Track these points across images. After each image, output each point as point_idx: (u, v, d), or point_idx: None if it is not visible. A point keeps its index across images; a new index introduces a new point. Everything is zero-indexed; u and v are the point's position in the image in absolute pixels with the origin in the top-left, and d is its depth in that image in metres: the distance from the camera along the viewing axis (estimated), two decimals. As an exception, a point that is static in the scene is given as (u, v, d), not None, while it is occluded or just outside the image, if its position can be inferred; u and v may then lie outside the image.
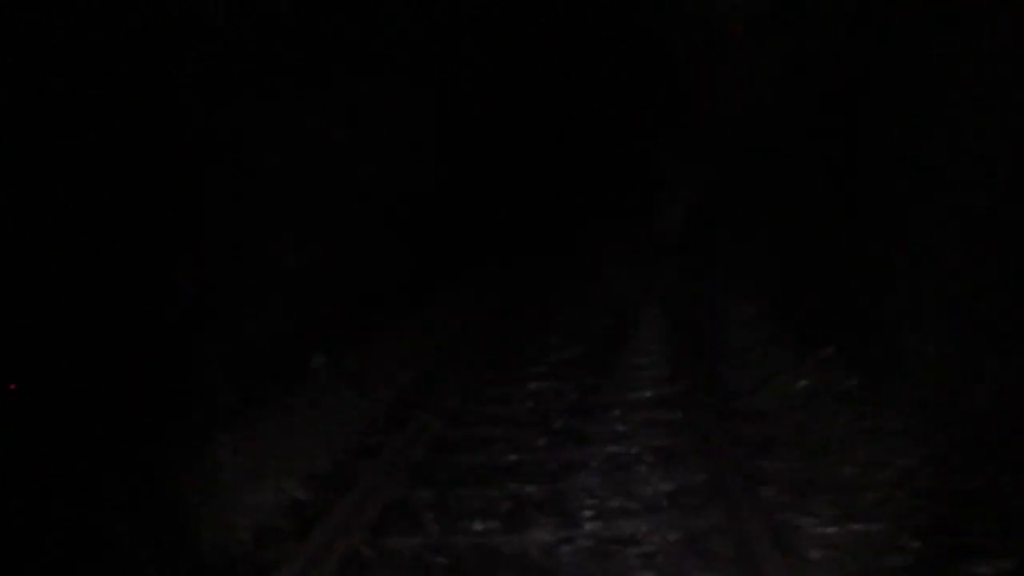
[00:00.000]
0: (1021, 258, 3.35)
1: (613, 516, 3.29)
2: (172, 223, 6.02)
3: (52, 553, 3.27)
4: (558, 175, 12.54)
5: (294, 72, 7.32)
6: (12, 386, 4.36)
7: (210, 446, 4.53)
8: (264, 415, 5.18)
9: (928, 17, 4.14)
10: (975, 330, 3.65)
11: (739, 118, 10.43)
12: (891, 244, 5.15)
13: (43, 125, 4.51)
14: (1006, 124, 3.43)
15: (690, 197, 11.70)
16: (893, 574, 2.50)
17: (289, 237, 7.54)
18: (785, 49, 7.91)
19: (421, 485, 3.92)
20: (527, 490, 3.69)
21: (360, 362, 6.68)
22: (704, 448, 3.85)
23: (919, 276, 4.60)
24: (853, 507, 2.92)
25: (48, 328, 4.28)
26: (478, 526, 3.35)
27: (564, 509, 3.43)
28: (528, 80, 11.90)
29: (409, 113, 8.80)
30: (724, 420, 4.22)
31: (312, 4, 7.28)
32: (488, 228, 10.90)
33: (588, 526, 3.21)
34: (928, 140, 3.92)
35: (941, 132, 3.81)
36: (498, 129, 11.29)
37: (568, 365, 6.08)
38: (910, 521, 2.75)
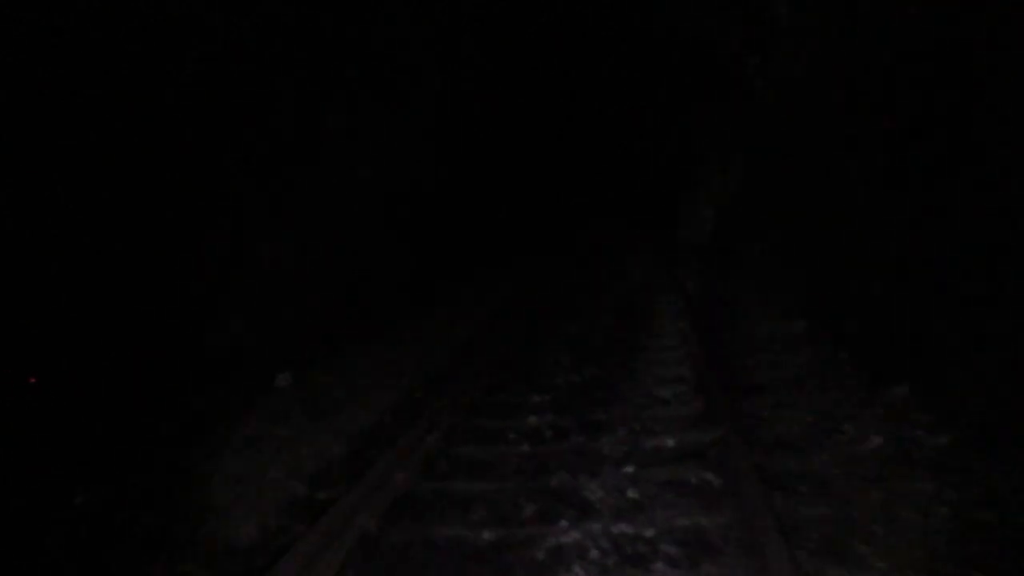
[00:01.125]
0: None
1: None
2: (149, 222, 5.24)
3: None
4: (566, 172, 11.73)
5: (293, 72, 6.71)
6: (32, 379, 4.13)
7: (113, 500, 3.59)
8: (198, 452, 4.23)
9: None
10: None
11: (776, 111, 9.36)
12: (992, 250, 4.06)
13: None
14: None
15: (718, 197, 10.68)
16: None
17: (279, 245, 6.69)
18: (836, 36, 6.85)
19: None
20: (499, 595, 2.68)
21: (335, 380, 5.71)
22: (747, 537, 2.80)
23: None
24: None
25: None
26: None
27: (546, 637, 2.41)
28: (532, 75, 11.16)
29: (410, 111, 8.10)
30: (773, 488, 3.16)
31: (312, 4, 6.71)
32: (490, 228, 10.18)
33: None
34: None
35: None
36: (500, 127, 10.58)
37: (576, 394, 5.04)
38: None
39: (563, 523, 3.16)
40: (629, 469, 3.63)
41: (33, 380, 3.87)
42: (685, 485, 3.39)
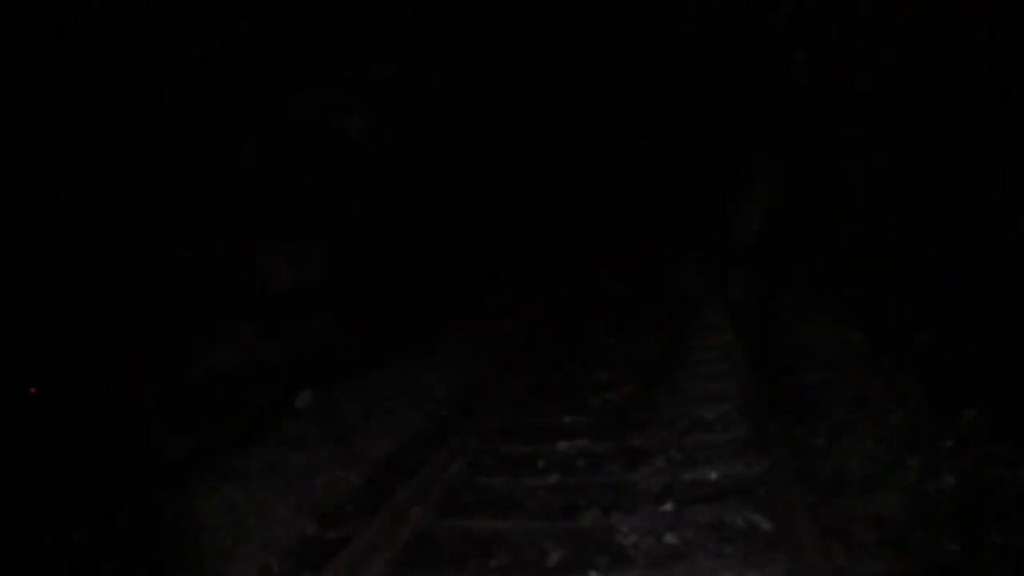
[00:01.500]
0: None
1: None
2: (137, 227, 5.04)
3: None
4: (568, 172, 11.49)
5: (293, 72, 6.56)
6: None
7: (106, 539, 3.36)
8: (205, 483, 3.99)
9: None
10: None
11: (825, 105, 8.91)
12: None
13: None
14: None
15: (766, 199, 10.22)
16: None
17: (281, 246, 6.48)
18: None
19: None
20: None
21: (355, 399, 5.45)
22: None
23: None
24: None
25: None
26: None
27: None
28: (533, 75, 10.99)
29: (410, 111, 7.95)
30: (833, 537, 2.78)
31: (312, 4, 6.63)
32: (491, 228, 10.01)
33: None
34: None
35: None
36: (501, 127, 10.40)
37: (611, 414, 4.70)
38: None
39: (592, 572, 2.83)
40: (668, 506, 3.29)
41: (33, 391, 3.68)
42: (729, 529, 3.03)
